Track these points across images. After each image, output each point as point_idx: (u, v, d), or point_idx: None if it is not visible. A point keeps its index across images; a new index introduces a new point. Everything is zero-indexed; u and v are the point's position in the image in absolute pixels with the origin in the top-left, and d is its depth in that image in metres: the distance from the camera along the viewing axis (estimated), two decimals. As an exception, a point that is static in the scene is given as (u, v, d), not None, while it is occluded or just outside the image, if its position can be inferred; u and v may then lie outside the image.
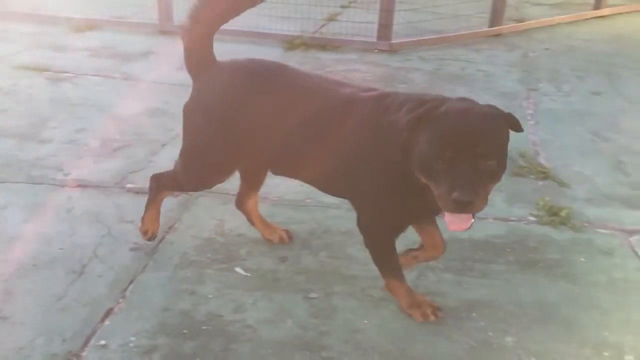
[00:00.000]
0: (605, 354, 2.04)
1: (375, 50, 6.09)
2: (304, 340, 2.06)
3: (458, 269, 2.47)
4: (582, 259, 2.58)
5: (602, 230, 2.82)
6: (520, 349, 2.05)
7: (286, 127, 2.18)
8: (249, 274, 2.40)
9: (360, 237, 2.21)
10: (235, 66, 2.33)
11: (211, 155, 2.32)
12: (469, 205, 1.74)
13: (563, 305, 2.28)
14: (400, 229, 2.16)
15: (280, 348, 2.01)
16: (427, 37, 6.43)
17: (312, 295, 2.29)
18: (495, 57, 6.00)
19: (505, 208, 2.98)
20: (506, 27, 7.07)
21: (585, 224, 2.87)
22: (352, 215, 2.22)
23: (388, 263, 2.21)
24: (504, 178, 1.89)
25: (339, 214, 2.81)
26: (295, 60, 5.25)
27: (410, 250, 2.36)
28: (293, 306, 2.22)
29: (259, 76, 2.26)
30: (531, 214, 2.92)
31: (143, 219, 2.54)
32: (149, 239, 2.53)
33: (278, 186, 2.97)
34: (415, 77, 5.25)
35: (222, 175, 2.39)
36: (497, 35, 6.86)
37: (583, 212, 2.98)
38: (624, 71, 5.67)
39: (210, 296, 2.25)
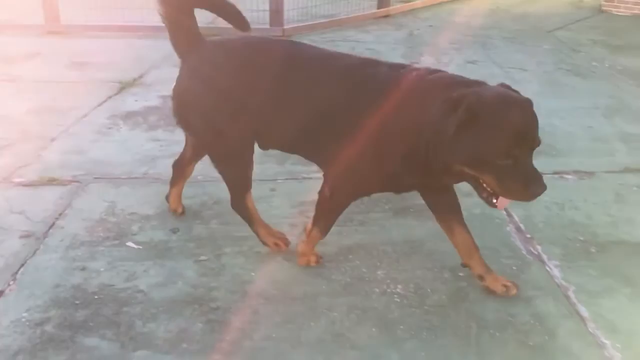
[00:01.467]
0: (461, 274, 2.34)
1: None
2: (194, 297, 2.20)
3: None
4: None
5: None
6: (388, 279, 2.30)
7: (300, 100, 2.18)
8: (140, 247, 2.51)
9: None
10: (237, 42, 2.34)
11: (232, 128, 2.26)
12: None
13: (427, 240, 2.56)
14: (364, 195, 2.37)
15: (171, 305, 2.15)
16: (319, 22, 6.70)
17: (202, 258, 2.44)
18: (384, 37, 6.35)
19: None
20: (394, 8, 7.48)
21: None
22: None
23: (330, 220, 2.33)
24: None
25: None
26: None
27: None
28: (184, 269, 2.36)
29: (266, 50, 2.26)
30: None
31: (266, 242, 2.47)
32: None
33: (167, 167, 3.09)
34: (307, 59, 5.49)
35: (249, 147, 2.33)
36: (386, 16, 7.25)
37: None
38: (498, 41, 6.19)
39: (102, 269, 2.34)
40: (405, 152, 1.99)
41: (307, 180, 3.09)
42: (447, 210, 2.27)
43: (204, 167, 2.58)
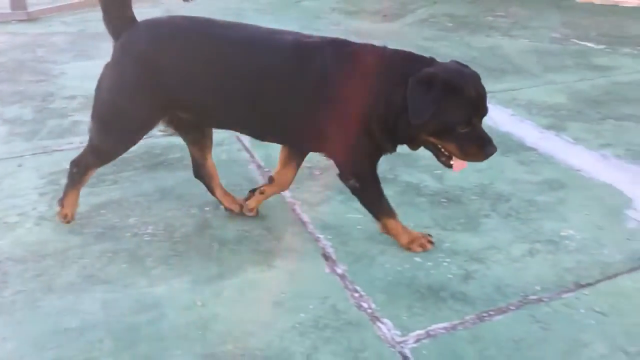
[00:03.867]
0: (207, 208, 2.65)
1: (13, 21, 5.87)
2: None
3: (91, 182, 2.80)
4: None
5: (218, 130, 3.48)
6: (140, 224, 2.52)
7: (229, 75, 2.19)
8: None
9: None
10: (163, 20, 2.32)
11: (136, 107, 2.27)
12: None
13: (177, 186, 2.83)
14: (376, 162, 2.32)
15: None
16: (69, 3, 6.44)
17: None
18: (140, 15, 6.36)
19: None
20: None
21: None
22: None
23: (381, 204, 2.33)
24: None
25: None
26: None
27: (254, 190, 2.57)
28: None
29: (190, 26, 2.25)
30: (159, 130, 3.41)
31: (62, 203, 2.46)
32: (68, 222, 2.48)
33: None
34: (57, 40, 5.30)
35: (145, 127, 2.35)
36: (141, -6, 7.22)
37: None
38: (250, 13, 6.65)
39: None
40: (380, 126, 2.15)
41: (58, 152, 3.12)
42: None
43: None
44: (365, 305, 2.07)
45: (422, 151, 2.28)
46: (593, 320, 2.01)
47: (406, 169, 3.05)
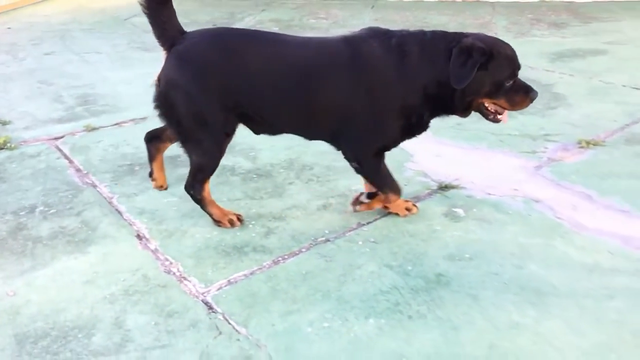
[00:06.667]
0: (22, 213, 2.72)
1: None
2: None
3: None
4: (14, 165, 3.21)
5: (35, 143, 3.51)
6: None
7: (283, 78, 2.35)
8: None
9: None
10: (213, 30, 2.56)
11: (211, 110, 2.37)
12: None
13: (-10, 197, 2.85)
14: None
15: None
16: None
17: None
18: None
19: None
20: (-37, 15, 7.08)
21: (22, 143, 3.50)
22: None
23: (387, 178, 2.55)
24: None
25: None
26: None
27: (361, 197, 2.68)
28: None
29: (243, 33, 2.51)
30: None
31: (219, 220, 2.58)
32: (239, 222, 2.60)
33: None
34: None
35: (227, 128, 2.44)
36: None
37: (21, 136, 3.60)
38: (77, 33, 6.56)
39: None
40: (431, 104, 2.38)
41: None
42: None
43: None
44: (174, 270, 2.30)
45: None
46: (368, 249, 2.41)
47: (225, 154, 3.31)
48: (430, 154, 3.28)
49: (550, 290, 2.12)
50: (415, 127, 2.45)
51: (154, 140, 2.84)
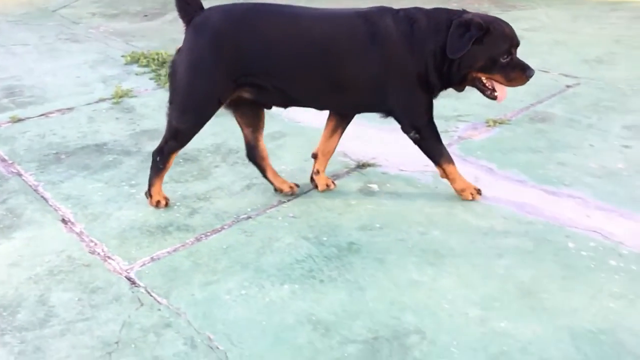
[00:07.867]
0: (-59, 202, 2.73)
1: None
2: None
3: None
4: None
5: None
6: None
7: (305, 45, 2.43)
8: None
9: None
10: (231, 4, 2.48)
11: (212, 84, 2.44)
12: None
13: None
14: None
15: None
16: None
17: None
18: None
19: None
20: None
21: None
22: None
23: (442, 150, 2.65)
24: None
25: None
26: None
27: (312, 177, 2.84)
28: None
29: (258, 6, 2.50)
30: None
31: (151, 194, 2.66)
32: (165, 205, 2.67)
33: None
34: None
35: (218, 104, 2.48)
36: None
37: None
38: (2, 25, 6.41)
39: None
40: (437, 73, 2.48)
41: None
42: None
43: None
44: (99, 250, 2.39)
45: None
46: (287, 223, 2.57)
47: (150, 141, 3.39)
48: (351, 135, 3.46)
49: (448, 252, 2.34)
50: (432, 90, 2.57)
51: (252, 152, 2.78)
